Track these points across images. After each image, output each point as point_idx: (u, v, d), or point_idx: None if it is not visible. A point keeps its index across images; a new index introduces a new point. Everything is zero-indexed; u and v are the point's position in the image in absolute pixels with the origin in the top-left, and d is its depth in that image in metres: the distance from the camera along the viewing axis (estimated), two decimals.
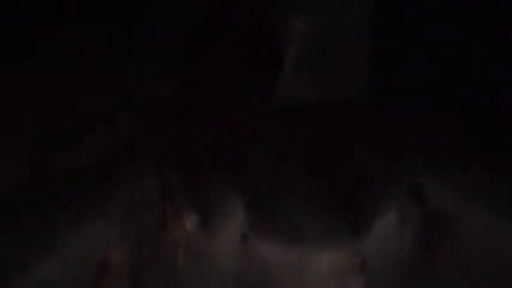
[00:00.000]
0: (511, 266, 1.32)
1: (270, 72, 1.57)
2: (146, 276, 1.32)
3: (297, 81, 1.82)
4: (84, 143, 1.45)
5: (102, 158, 1.42)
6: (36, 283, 1.31)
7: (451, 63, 1.76)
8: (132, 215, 1.34)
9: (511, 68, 1.78)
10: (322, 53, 1.93)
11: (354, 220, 1.36)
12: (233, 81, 1.50)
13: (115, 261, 1.32)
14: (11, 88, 2.09)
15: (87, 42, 2.13)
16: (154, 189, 1.37)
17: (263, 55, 1.55)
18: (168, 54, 1.59)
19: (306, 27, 2.01)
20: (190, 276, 1.33)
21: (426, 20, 1.82)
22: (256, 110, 1.53)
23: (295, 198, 1.42)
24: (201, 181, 1.41)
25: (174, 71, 1.57)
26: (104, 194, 1.35)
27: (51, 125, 1.78)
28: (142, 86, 2.10)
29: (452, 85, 1.70)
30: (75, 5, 2.03)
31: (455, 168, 1.40)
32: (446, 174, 1.39)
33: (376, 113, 1.50)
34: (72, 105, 2.04)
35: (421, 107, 1.55)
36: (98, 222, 1.34)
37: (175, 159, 1.44)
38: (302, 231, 1.38)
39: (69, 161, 1.43)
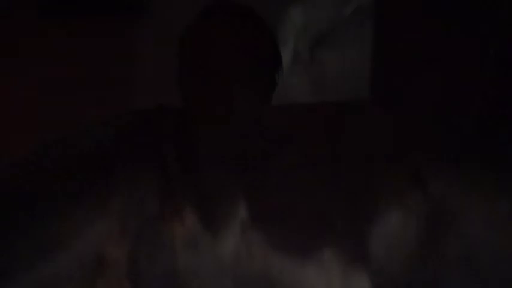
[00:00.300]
0: (511, 256, 1.32)
1: (269, 71, 1.57)
2: (144, 272, 1.32)
3: (296, 77, 1.83)
4: (84, 139, 1.45)
5: (102, 154, 1.42)
6: (35, 280, 1.31)
7: (452, 60, 1.76)
8: (131, 211, 1.34)
9: (510, 68, 1.78)
10: (321, 44, 1.93)
11: (357, 216, 1.36)
12: (233, 79, 1.50)
13: (112, 257, 1.31)
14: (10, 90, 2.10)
15: (89, 42, 2.14)
16: (153, 185, 1.37)
17: (262, 53, 1.55)
18: (167, 54, 1.59)
19: (304, 18, 2.01)
20: (189, 272, 1.32)
21: (427, 16, 1.83)
22: (256, 108, 1.53)
23: (296, 194, 1.42)
24: (201, 177, 1.41)
25: (174, 70, 1.57)
26: (103, 190, 1.35)
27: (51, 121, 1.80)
28: (143, 85, 2.11)
29: (452, 83, 1.70)
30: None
31: (457, 162, 1.40)
32: (447, 168, 1.39)
33: (378, 110, 1.50)
34: (72, 103, 2.05)
35: (421, 104, 1.55)
36: (96, 218, 1.34)
37: (175, 156, 1.44)
38: (303, 226, 1.38)
39: (69, 156, 1.42)
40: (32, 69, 2.21)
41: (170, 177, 1.40)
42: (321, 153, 1.47)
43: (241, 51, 1.49)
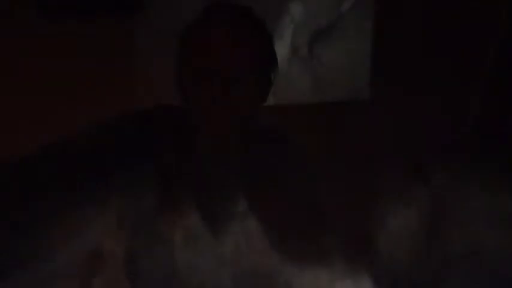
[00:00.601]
0: (507, 241, 1.33)
1: (267, 70, 1.57)
2: (144, 270, 1.32)
3: (295, 73, 1.83)
4: (85, 139, 1.45)
5: (102, 154, 1.43)
6: (34, 279, 1.31)
7: (452, 60, 1.77)
8: (130, 210, 1.34)
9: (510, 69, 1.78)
10: (320, 39, 1.93)
11: (359, 215, 1.36)
12: (233, 79, 1.50)
13: (111, 255, 1.32)
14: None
15: (89, 42, 2.14)
16: (153, 184, 1.38)
17: (261, 53, 1.55)
18: (168, 54, 1.59)
19: (304, 13, 2.01)
20: (189, 270, 1.33)
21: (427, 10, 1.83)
22: (255, 108, 1.53)
23: (297, 193, 1.43)
24: (201, 176, 1.42)
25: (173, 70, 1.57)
26: (103, 190, 1.36)
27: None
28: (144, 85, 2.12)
29: (452, 83, 1.71)
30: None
31: (457, 161, 1.40)
32: (448, 167, 1.39)
33: (380, 108, 1.51)
34: (73, 102, 2.05)
35: (421, 102, 1.55)
36: (95, 217, 1.34)
37: (175, 156, 1.44)
38: (304, 225, 1.38)
39: (69, 156, 1.43)
40: (31, 69, 2.21)
41: (170, 177, 1.41)
42: (321, 153, 1.47)
43: (241, 51, 1.50)
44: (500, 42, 1.81)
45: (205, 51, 1.51)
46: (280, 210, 1.41)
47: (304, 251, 1.36)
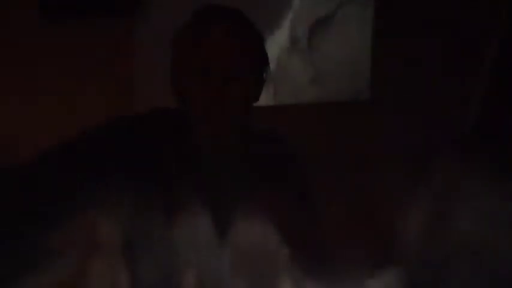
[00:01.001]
0: (507, 241, 1.33)
1: (260, 69, 1.58)
2: (143, 265, 1.32)
3: (294, 65, 1.83)
4: (84, 142, 1.46)
5: (102, 156, 1.43)
6: (35, 275, 1.31)
7: (452, 59, 1.77)
8: (130, 205, 1.34)
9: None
10: (319, 29, 1.93)
11: (361, 215, 1.37)
12: (232, 79, 1.50)
13: (110, 250, 1.32)
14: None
15: (89, 42, 2.15)
16: (154, 186, 1.38)
17: (255, 53, 1.56)
18: (167, 54, 1.59)
19: (303, 3, 2.01)
20: (188, 265, 1.33)
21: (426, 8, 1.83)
22: (254, 108, 1.53)
23: (295, 188, 1.44)
24: (201, 177, 1.42)
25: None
26: (103, 191, 1.36)
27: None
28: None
29: (451, 82, 1.71)
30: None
31: (455, 157, 1.41)
32: (447, 162, 1.39)
33: (380, 108, 1.51)
34: (73, 102, 2.06)
35: (421, 101, 1.55)
36: (95, 212, 1.34)
37: (175, 156, 1.45)
38: (302, 217, 1.39)
39: (70, 159, 1.43)
40: (32, 69, 2.21)
41: (170, 177, 1.41)
42: (321, 153, 1.47)
43: (238, 52, 1.50)
44: (500, 42, 1.81)
45: (205, 52, 1.51)
46: (281, 210, 1.41)
47: (305, 251, 1.36)
